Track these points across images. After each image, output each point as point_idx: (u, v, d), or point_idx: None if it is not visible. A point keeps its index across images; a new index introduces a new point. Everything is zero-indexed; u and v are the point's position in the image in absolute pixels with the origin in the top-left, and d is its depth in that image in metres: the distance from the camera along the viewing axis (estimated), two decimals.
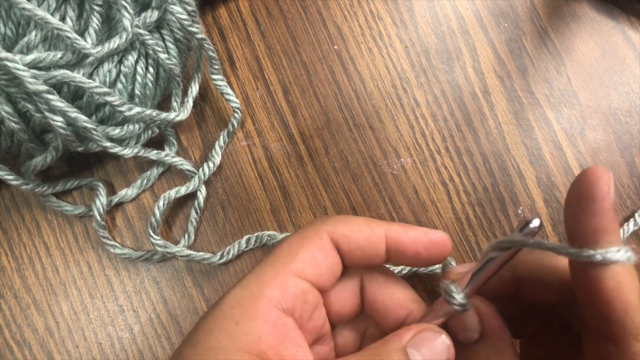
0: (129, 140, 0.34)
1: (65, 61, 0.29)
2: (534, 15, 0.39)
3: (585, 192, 0.20)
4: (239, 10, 0.39)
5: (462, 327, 0.23)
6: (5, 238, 0.36)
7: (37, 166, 0.32)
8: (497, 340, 0.23)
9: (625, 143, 0.37)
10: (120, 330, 0.35)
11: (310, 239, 0.24)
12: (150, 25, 0.31)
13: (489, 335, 0.23)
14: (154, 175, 0.36)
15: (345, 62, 0.38)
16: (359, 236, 0.24)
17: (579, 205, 0.20)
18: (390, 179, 0.37)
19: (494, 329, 0.23)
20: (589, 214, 0.20)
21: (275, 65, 0.38)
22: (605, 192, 0.19)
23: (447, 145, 0.37)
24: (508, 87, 0.38)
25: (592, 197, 0.20)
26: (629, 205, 0.36)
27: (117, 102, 0.30)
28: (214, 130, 0.37)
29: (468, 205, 0.36)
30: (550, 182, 0.36)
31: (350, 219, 0.25)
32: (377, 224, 0.25)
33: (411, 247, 0.25)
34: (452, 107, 0.37)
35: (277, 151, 0.37)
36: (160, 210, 0.34)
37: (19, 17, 0.29)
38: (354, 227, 0.25)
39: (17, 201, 0.36)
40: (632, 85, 0.38)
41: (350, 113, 0.37)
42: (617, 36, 0.38)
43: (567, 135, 0.37)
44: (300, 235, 0.25)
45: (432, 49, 0.38)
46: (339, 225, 0.25)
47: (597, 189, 0.20)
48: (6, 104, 0.29)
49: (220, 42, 0.38)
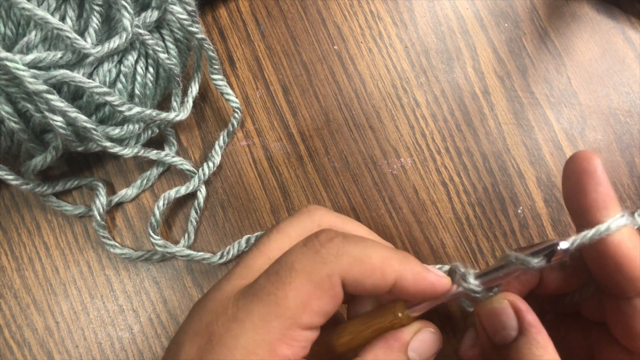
0: (129, 140, 0.34)
1: (65, 61, 0.29)
2: (534, 16, 0.39)
3: (580, 171, 0.22)
4: (239, 10, 0.39)
5: (501, 327, 0.23)
6: (5, 238, 0.36)
7: (37, 166, 0.32)
8: (536, 334, 0.22)
9: (625, 143, 0.37)
10: (120, 330, 0.35)
11: (323, 287, 0.21)
12: (150, 25, 0.31)
13: (528, 330, 0.23)
14: (154, 175, 0.36)
15: (345, 62, 0.38)
16: (369, 283, 0.22)
17: (577, 183, 0.22)
18: (390, 179, 0.37)
19: (532, 323, 0.23)
20: (587, 190, 0.22)
21: (275, 65, 0.38)
22: (596, 167, 0.22)
23: (447, 145, 0.37)
24: (508, 87, 0.38)
25: (587, 174, 0.22)
26: (629, 205, 0.36)
27: (117, 102, 0.30)
28: (214, 130, 0.37)
29: (468, 205, 0.36)
30: (550, 182, 0.36)
31: (364, 254, 0.22)
32: (390, 267, 0.22)
33: (414, 297, 0.23)
34: (452, 107, 0.37)
35: (277, 151, 0.37)
36: (160, 210, 0.34)
37: (19, 17, 0.29)
38: (367, 270, 0.22)
39: (17, 201, 0.36)
40: (632, 85, 0.38)
41: (350, 113, 0.37)
42: (617, 36, 0.38)
43: (567, 135, 0.37)
44: (310, 278, 0.21)
45: (432, 49, 0.38)
46: (353, 267, 0.22)
47: (589, 166, 0.22)
48: (6, 103, 0.29)
49: (220, 42, 0.38)
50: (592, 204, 0.22)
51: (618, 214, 0.21)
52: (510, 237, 0.36)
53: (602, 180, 0.22)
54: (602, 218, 0.22)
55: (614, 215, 0.21)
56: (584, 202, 0.22)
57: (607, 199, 0.22)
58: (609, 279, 0.22)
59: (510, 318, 0.23)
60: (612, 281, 0.22)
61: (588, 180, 0.22)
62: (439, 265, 0.35)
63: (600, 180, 0.22)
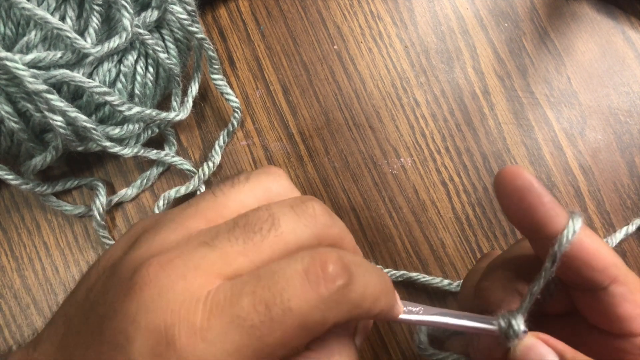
0: (129, 139, 0.34)
1: (65, 61, 0.29)
2: (534, 15, 0.39)
3: (516, 190, 0.22)
4: (239, 10, 0.39)
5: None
6: (5, 238, 0.36)
7: (37, 166, 0.32)
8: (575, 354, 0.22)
9: (625, 143, 0.37)
10: None
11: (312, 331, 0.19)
12: (150, 25, 0.31)
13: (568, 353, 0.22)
14: (154, 175, 0.36)
15: (345, 62, 0.38)
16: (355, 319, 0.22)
17: (519, 203, 0.22)
18: (390, 178, 0.37)
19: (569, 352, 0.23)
20: (533, 207, 0.22)
21: (275, 65, 0.38)
22: (529, 181, 0.22)
23: (447, 145, 0.37)
24: (508, 87, 0.38)
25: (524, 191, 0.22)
26: (629, 205, 0.36)
27: (117, 102, 0.30)
28: (214, 130, 0.37)
29: (468, 205, 0.36)
30: (550, 182, 0.36)
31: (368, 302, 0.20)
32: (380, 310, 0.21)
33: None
34: (452, 107, 0.37)
35: (277, 151, 0.37)
36: (160, 210, 0.34)
37: (19, 17, 0.29)
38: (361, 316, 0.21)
39: (17, 201, 0.36)
40: (632, 85, 0.38)
41: (350, 113, 0.37)
42: (617, 36, 0.38)
43: (567, 135, 0.37)
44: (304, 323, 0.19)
45: (432, 49, 0.38)
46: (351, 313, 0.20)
47: (523, 182, 0.22)
48: (6, 103, 0.29)
49: (220, 42, 0.38)
50: (543, 218, 0.22)
51: (573, 215, 0.22)
52: (510, 237, 0.36)
53: (541, 191, 0.22)
54: (559, 227, 0.22)
55: (567, 216, 0.22)
56: (534, 219, 0.22)
57: (554, 207, 0.22)
58: (579, 276, 0.22)
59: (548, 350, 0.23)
60: (582, 278, 0.22)
61: (529, 197, 0.22)
62: (447, 281, 0.35)
63: (539, 192, 0.22)
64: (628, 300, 0.22)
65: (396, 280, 0.35)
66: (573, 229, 0.21)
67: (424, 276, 0.35)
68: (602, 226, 0.36)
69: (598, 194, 0.36)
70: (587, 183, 0.36)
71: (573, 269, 0.22)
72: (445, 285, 0.34)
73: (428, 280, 0.34)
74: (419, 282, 0.35)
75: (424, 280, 0.34)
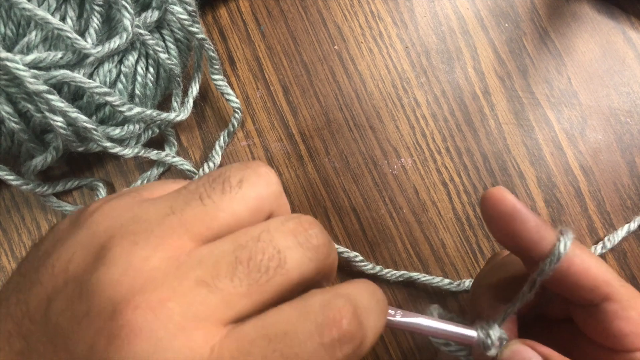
0: (129, 140, 0.34)
1: (65, 61, 0.29)
2: (534, 16, 0.39)
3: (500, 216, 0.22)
4: (240, 10, 0.39)
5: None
6: (6, 238, 0.36)
7: (38, 166, 0.32)
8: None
9: (626, 143, 0.37)
10: None
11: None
12: (151, 25, 0.31)
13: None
14: (154, 175, 0.36)
15: (345, 62, 0.38)
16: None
17: (504, 228, 0.22)
18: (390, 179, 0.37)
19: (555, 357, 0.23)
20: (518, 232, 0.22)
21: (276, 66, 0.38)
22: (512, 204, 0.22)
23: (447, 145, 0.37)
24: (508, 87, 0.38)
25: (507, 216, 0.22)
26: (629, 205, 0.36)
27: (118, 102, 0.30)
28: (214, 130, 0.37)
29: (468, 206, 0.36)
30: (550, 183, 0.36)
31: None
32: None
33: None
34: (452, 107, 0.37)
35: (277, 151, 0.37)
36: None
37: (19, 17, 0.29)
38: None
39: (18, 201, 0.36)
40: (633, 85, 0.38)
41: (351, 113, 0.37)
42: (617, 36, 0.38)
43: (568, 135, 0.37)
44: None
45: (432, 49, 0.38)
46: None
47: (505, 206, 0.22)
48: (6, 104, 0.29)
49: (220, 42, 0.38)
50: (529, 242, 0.22)
51: (565, 235, 0.22)
52: None
53: (524, 215, 0.22)
54: (545, 250, 0.22)
55: (553, 239, 0.22)
56: (521, 244, 0.22)
57: (540, 230, 0.22)
58: (572, 293, 0.23)
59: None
60: (575, 295, 0.22)
61: (513, 223, 0.22)
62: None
63: (523, 216, 0.22)
64: (621, 317, 0.22)
65: (396, 280, 0.35)
66: (558, 254, 0.21)
67: (424, 276, 0.35)
68: (603, 226, 0.36)
69: (598, 194, 0.36)
70: (587, 183, 0.36)
71: (564, 286, 0.22)
72: (446, 284, 0.34)
73: (428, 280, 0.34)
74: (419, 281, 0.35)
75: (424, 280, 0.34)
